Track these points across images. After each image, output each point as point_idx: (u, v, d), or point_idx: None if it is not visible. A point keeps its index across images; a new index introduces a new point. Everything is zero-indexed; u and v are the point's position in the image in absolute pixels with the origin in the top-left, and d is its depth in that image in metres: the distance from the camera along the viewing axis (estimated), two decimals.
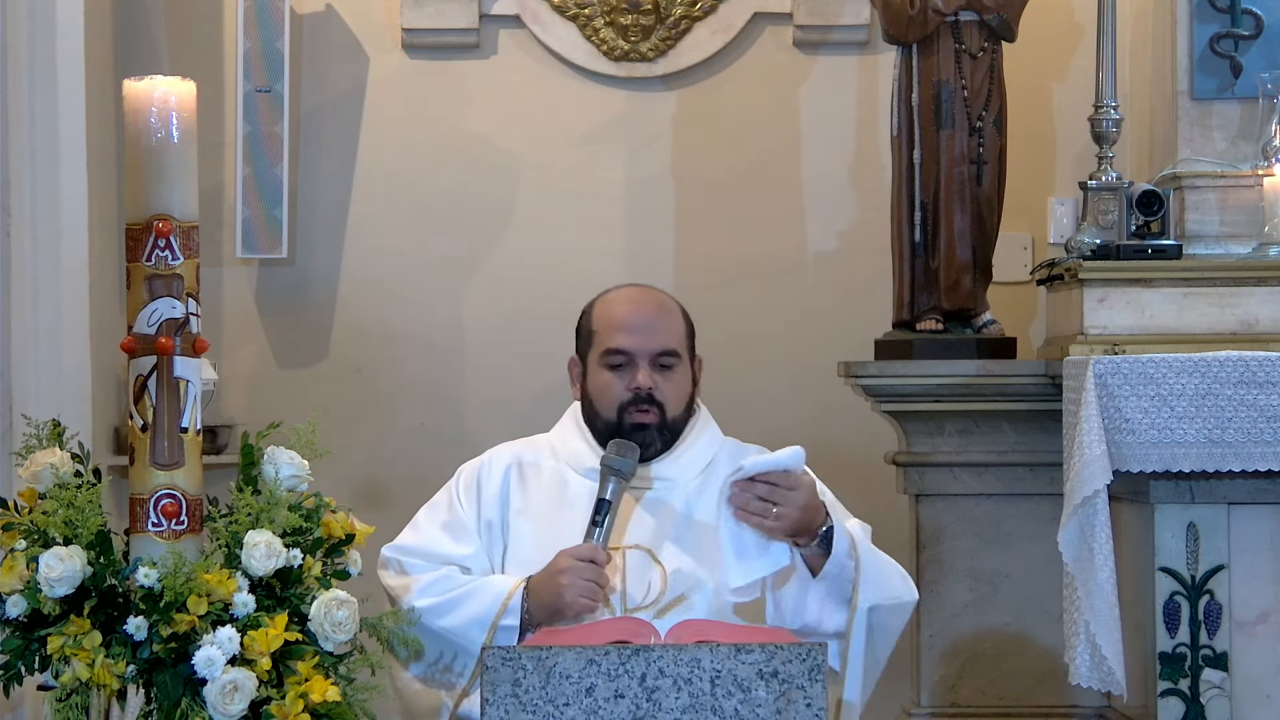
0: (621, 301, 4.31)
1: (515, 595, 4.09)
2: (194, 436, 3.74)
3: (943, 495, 5.69)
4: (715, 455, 4.31)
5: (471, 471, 4.34)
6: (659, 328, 4.25)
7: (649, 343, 4.22)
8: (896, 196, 5.81)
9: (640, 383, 4.20)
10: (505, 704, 3.47)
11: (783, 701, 3.49)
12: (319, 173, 6.41)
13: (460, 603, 4.10)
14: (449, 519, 4.27)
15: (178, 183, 3.73)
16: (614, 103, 6.43)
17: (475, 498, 4.28)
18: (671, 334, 4.26)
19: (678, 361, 4.25)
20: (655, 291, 4.37)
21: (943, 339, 5.72)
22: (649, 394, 4.20)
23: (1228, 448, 4.89)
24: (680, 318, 4.31)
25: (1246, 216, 5.46)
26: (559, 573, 4.07)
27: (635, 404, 4.20)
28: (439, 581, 4.16)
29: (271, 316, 6.40)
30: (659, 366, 4.22)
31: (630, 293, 4.35)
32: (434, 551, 4.22)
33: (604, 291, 4.38)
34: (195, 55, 6.30)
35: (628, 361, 4.22)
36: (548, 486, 4.28)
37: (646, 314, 4.27)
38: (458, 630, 4.07)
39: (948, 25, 5.73)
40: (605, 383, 4.24)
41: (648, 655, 3.50)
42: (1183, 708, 4.96)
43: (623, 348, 4.22)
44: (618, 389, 4.22)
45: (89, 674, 3.63)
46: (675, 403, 4.24)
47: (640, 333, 4.23)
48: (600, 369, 4.25)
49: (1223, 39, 5.51)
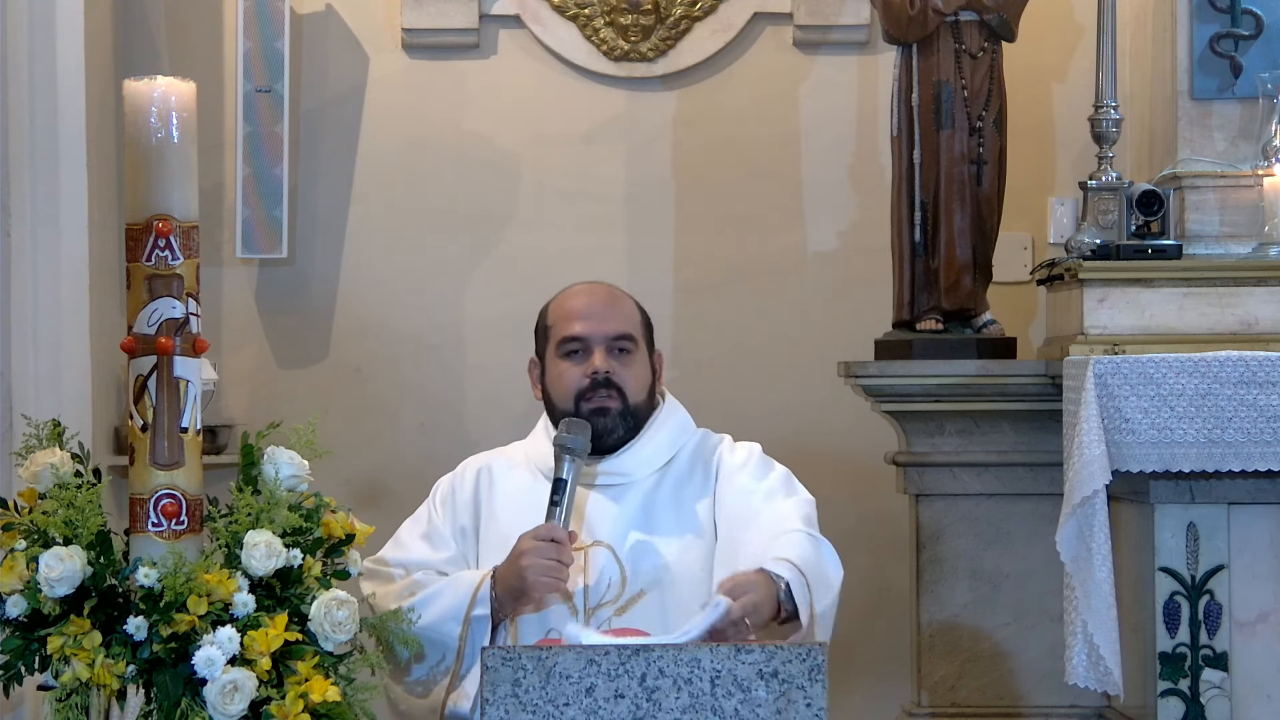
0: (574, 294, 4.36)
1: (484, 585, 4.12)
2: (194, 436, 3.74)
3: (943, 495, 5.68)
4: (681, 448, 4.32)
5: (446, 483, 4.41)
6: (612, 314, 4.29)
7: (603, 327, 4.25)
8: (896, 196, 5.81)
9: (597, 366, 4.23)
10: (505, 704, 3.47)
11: (783, 701, 3.49)
12: (319, 173, 6.41)
13: (433, 599, 4.13)
14: (427, 529, 4.34)
15: (178, 183, 3.73)
16: (614, 103, 6.43)
17: (450, 505, 4.34)
18: (625, 319, 4.29)
19: (634, 346, 4.27)
20: (607, 285, 4.40)
21: (943, 339, 5.72)
22: (606, 377, 4.22)
23: (1228, 448, 4.89)
24: (634, 308, 4.34)
25: (1246, 216, 5.46)
26: (520, 555, 4.09)
27: (593, 389, 4.22)
28: (410, 585, 4.19)
29: (271, 316, 6.40)
30: (616, 351, 4.25)
31: (582, 286, 4.39)
32: (413, 560, 4.27)
33: (559, 291, 4.42)
34: (195, 55, 6.30)
35: (583, 348, 4.25)
36: (517, 490, 4.32)
37: (599, 302, 4.31)
38: (433, 626, 4.09)
39: (948, 25, 5.73)
40: (561, 372, 4.27)
41: (648, 655, 3.50)
42: (1183, 708, 4.96)
43: (577, 334, 4.26)
44: (574, 376, 4.24)
45: (89, 674, 3.63)
46: (635, 388, 4.26)
47: (594, 319, 4.26)
48: (557, 360, 4.29)
49: (1223, 39, 5.51)
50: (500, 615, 4.12)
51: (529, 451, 4.37)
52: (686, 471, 4.30)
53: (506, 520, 4.26)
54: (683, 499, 4.26)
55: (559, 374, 4.27)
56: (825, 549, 4.16)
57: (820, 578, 4.07)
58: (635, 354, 4.27)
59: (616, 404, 4.23)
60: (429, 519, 4.35)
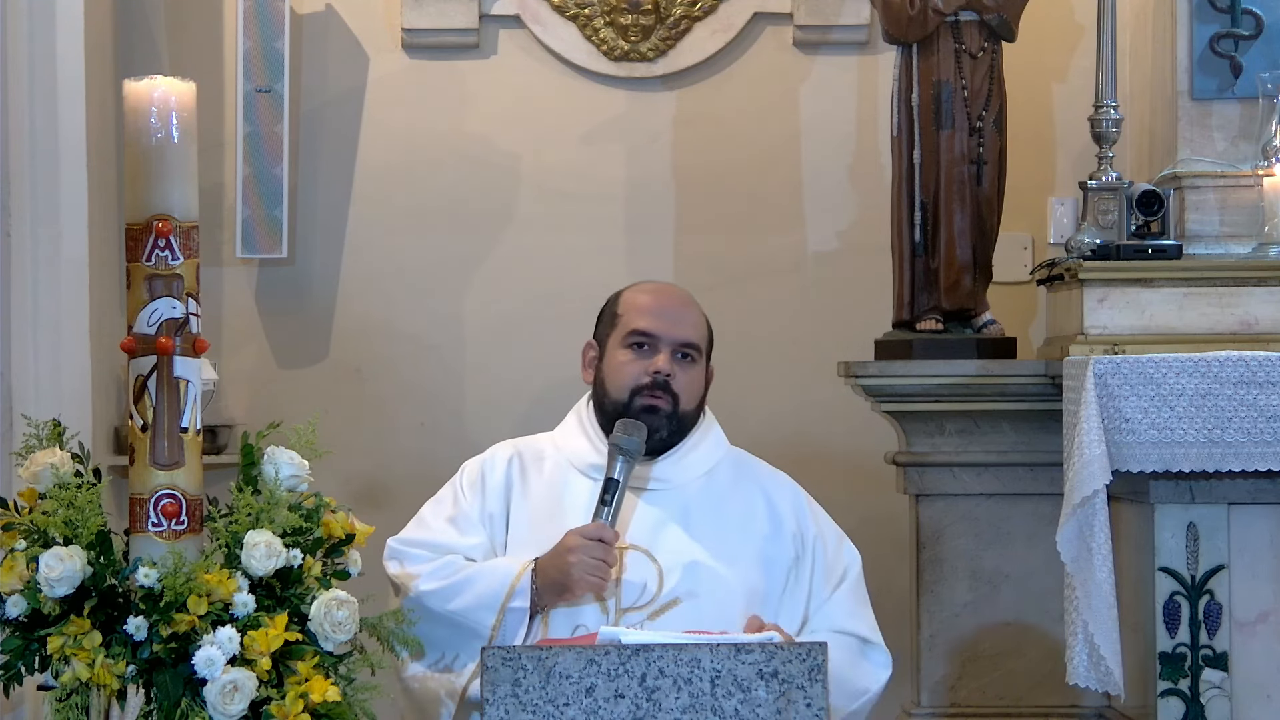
0: (651, 290, 4.35)
1: (524, 577, 4.09)
2: (194, 436, 3.74)
3: (943, 495, 5.68)
4: (718, 462, 4.31)
5: (475, 466, 4.35)
6: (685, 319, 4.27)
7: (674, 330, 4.24)
8: (896, 196, 5.81)
9: (660, 367, 4.20)
10: (505, 704, 3.47)
11: (783, 701, 3.49)
12: (319, 173, 6.41)
13: (468, 585, 4.10)
14: (454, 513, 4.28)
15: (178, 183, 3.73)
16: (614, 103, 6.43)
17: (479, 491, 4.29)
18: (695, 328, 4.28)
19: (697, 356, 4.26)
20: (683, 289, 4.41)
21: (943, 339, 5.72)
22: (665, 380, 4.20)
23: (1228, 448, 4.89)
24: (704, 319, 4.33)
25: (1246, 216, 5.46)
26: (567, 551, 4.07)
27: (651, 388, 4.20)
28: (444, 566, 4.16)
29: (271, 316, 6.40)
30: (680, 356, 4.23)
31: (660, 284, 4.40)
32: (439, 543, 4.22)
33: (633, 283, 4.41)
34: (195, 55, 6.30)
35: (650, 345, 4.23)
36: (548, 482, 4.28)
37: (675, 303, 4.30)
38: (465, 612, 4.07)
39: (948, 25, 5.73)
40: (622, 362, 4.24)
41: (648, 655, 3.50)
42: (1183, 708, 4.96)
43: (648, 330, 4.23)
44: (634, 370, 4.22)
45: (89, 674, 3.63)
46: (689, 396, 4.24)
47: (666, 319, 4.25)
48: (620, 349, 4.26)
49: (1223, 39, 5.51)
50: (538, 607, 4.09)
51: (560, 444, 4.34)
52: (728, 488, 4.28)
53: (536, 510, 4.24)
54: (727, 516, 4.24)
55: (619, 364, 4.25)
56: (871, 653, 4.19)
57: (840, 683, 4.05)
58: (696, 364, 4.26)
59: (668, 406, 4.21)
60: (455, 501, 4.30)
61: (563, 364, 6.38)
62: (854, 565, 4.30)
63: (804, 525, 4.27)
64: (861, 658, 4.18)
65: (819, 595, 4.22)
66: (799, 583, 4.22)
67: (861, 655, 4.18)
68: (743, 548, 4.21)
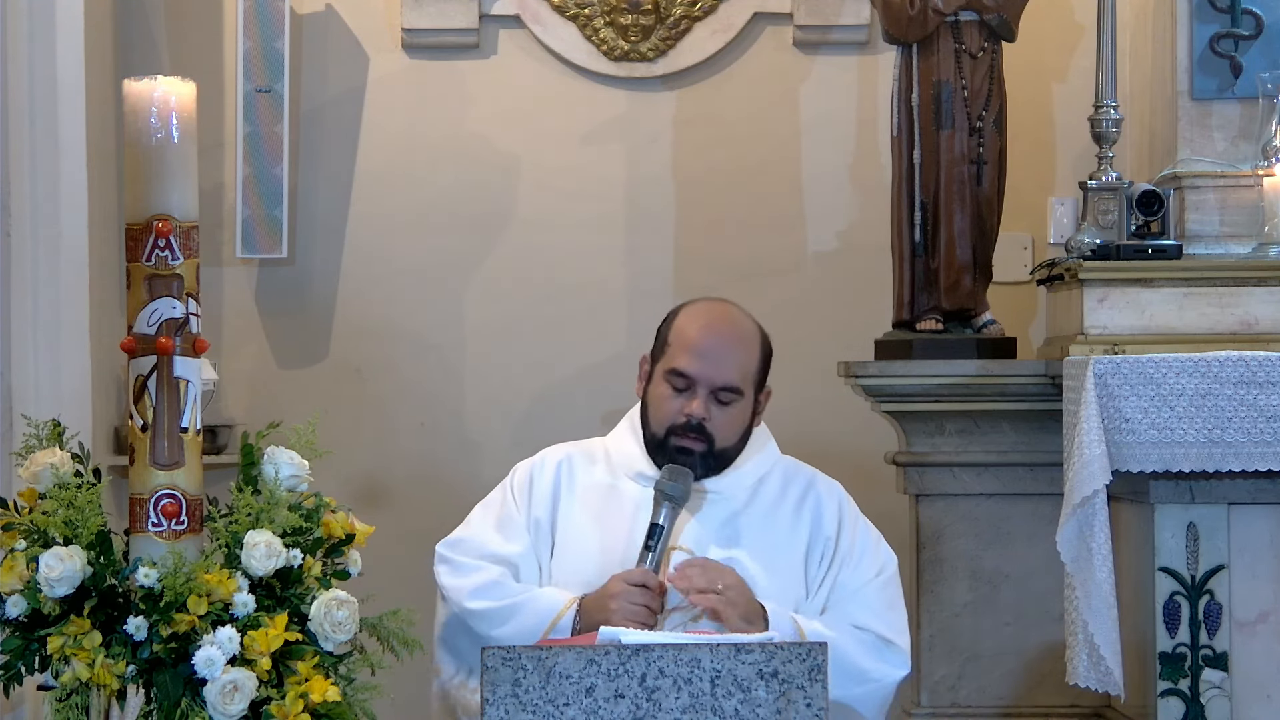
0: (702, 324, 4.25)
1: (566, 614, 4.10)
2: (194, 436, 3.74)
3: (943, 495, 5.68)
4: (768, 472, 4.30)
5: (525, 470, 4.33)
6: (728, 361, 4.20)
7: (712, 373, 4.18)
8: (896, 196, 5.82)
9: (693, 412, 4.17)
10: (505, 704, 3.47)
11: (783, 701, 3.49)
12: (319, 173, 6.41)
13: (512, 614, 4.10)
14: (502, 516, 4.28)
15: (178, 183, 3.73)
16: (614, 103, 6.43)
17: (527, 496, 4.29)
18: (739, 368, 4.21)
19: (738, 399, 4.21)
20: (738, 317, 4.30)
21: (943, 339, 5.72)
22: (700, 424, 4.18)
23: (1228, 448, 4.89)
24: (755, 351, 4.26)
25: (1246, 216, 5.47)
26: (610, 596, 4.07)
27: (685, 430, 4.18)
28: (492, 586, 4.16)
29: (271, 316, 6.40)
30: (717, 400, 4.19)
31: (714, 316, 4.29)
32: (485, 550, 4.22)
33: (693, 300, 4.35)
34: (195, 55, 6.30)
35: (687, 386, 4.19)
36: (597, 489, 4.28)
37: (721, 342, 4.22)
38: (505, 640, 4.04)
39: (948, 25, 5.73)
40: (663, 397, 4.22)
41: (648, 655, 3.50)
42: (1183, 708, 4.96)
43: (686, 371, 4.19)
44: (671, 408, 4.20)
45: (89, 674, 3.63)
46: (725, 435, 4.21)
47: (708, 361, 4.18)
48: (662, 382, 4.23)
49: (1223, 39, 5.51)
50: None
51: (611, 450, 4.33)
52: (777, 497, 4.28)
53: (583, 519, 4.24)
54: (775, 525, 4.24)
55: (659, 397, 4.23)
56: (887, 651, 4.16)
57: (845, 666, 4.04)
58: (737, 404, 4.21)
59: (702, 448, 4.18)
60: (503, 504, 4.29)
61: (563, 364, 6.42)
62: (889, 566, 4.28)
63: (843, 526, 4.27)
64: (876, 650, 4.16)
65: (846, 586, 4.21)
66: (827, 579, 4.23)
67: (877, 649, 4.17)
68: (787, 558, 4.22)
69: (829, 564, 4.24)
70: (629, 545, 4.17)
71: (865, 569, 4.25)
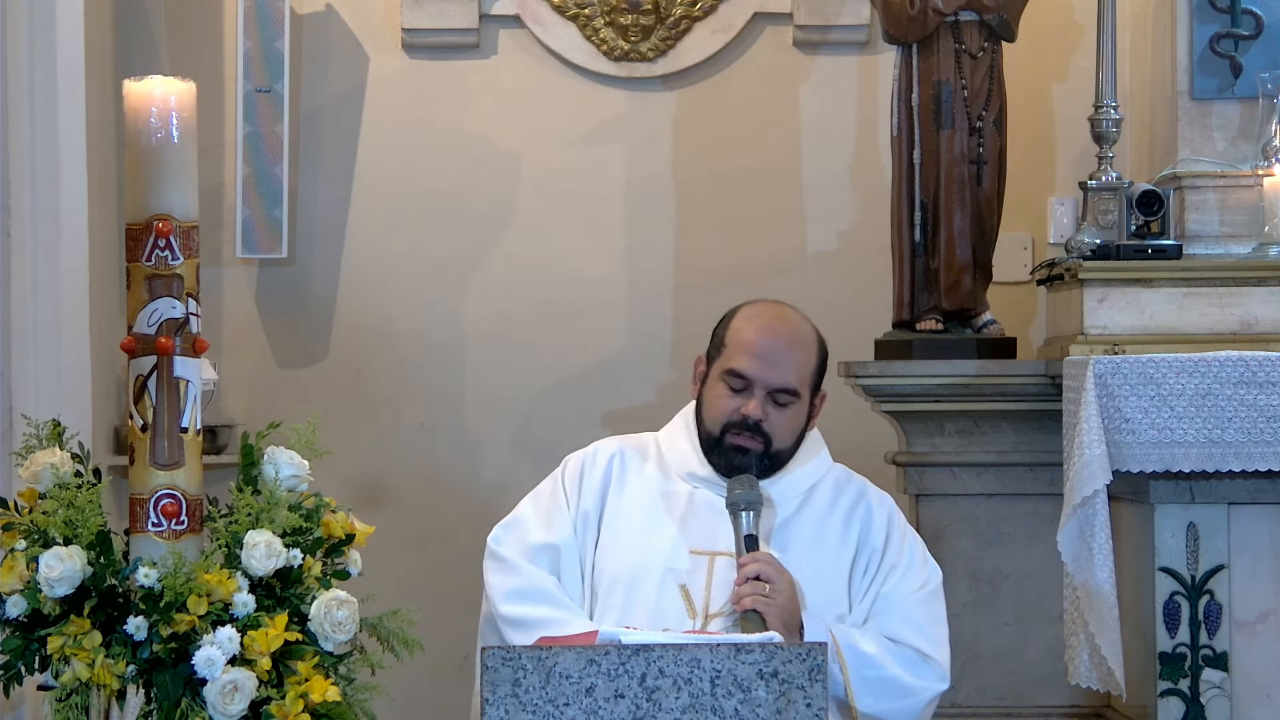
0: (759, 326, 4.25)
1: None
2: (194, 436, 3.74)
3: (943, 495, 5.69)
4: (820, 480, 4.29)
5: (577, 461, 4.33)
6: (785, 362, 4.20)
7: (769, 375, 4.18)
8: (896, 196, 5.82)
9: (750, 412, 4.17)
10: (505, 704, 3.47)
11: (783, 701, 3.49)
12: (319, 173, 6.41)
13: (538, 629, 4.05)
14: (549, 507, 4.27)
15: (178, 183, 3.73)
16: (614, 103, 6.43)
17: (577, 487, 4.28)
18: (795, 371, 4.21)
19: (795, 400, 4.20)
20: (796, 320, 4.31)
21: (943, 339, 5.72)
22: (756, 424, 4.17)
23: (1228, 448, 4.90)
24: (812, 353, 4.26)
25: (1246, 216, 5.47)
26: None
27: (741, 429, 4.18)
28: (528, 592, 4.16)
29: (271, 316, 6.40)
30: (774, 401, 4.19)
31: (771, 317, 4.29)
32: (529, 541, 4.22)
33: (750, 302, 4.35)
34: (195, 55, 6.30)
35: (744, 387, 4.18)
36: (648, 486, 4.27)
37: (778, 344, 4.22)
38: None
39: (948, 25, 5.73)
40: (718, 397, 4.21)
41: (648, 655, 3.50)
42: (1183, 708, 4.97)
43: (743, 372, 4.18)
44: (727, 407, 4.19)
45: (89, 674, 3.63)
46: (782, 437, 4.21)
47: (765, 362, 4.18)
48: (718, 382, 4.22)
49: (1223, 39, 5.51)
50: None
51: (663, 447, 4.32)
52: (828, 507, 4.27)
53: (631, 516, 4.23)
54: (824, 537, 4.23)
55: (715, 397, 4.22)
56: (926, 669, 4.15)
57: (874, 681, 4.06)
58: (793, 406, 4.20)
59: (758, 447, 4.18)
60: (552, 495, 4.28)
61: (563, 363, 6.41)
62: (932, 580, 4.28)
63: (890, 538, 4.26)
64: (914, 665, 4.15)
65: (889, 598, 4.20)
66: (871, 589, 4.22)
67: (914, 663, 4.15)
68: (833, 570, 4.21)
69: (874, 575, 4.23)
70: (674, 545, 4.17)
71: (909, 582, 4.24)
